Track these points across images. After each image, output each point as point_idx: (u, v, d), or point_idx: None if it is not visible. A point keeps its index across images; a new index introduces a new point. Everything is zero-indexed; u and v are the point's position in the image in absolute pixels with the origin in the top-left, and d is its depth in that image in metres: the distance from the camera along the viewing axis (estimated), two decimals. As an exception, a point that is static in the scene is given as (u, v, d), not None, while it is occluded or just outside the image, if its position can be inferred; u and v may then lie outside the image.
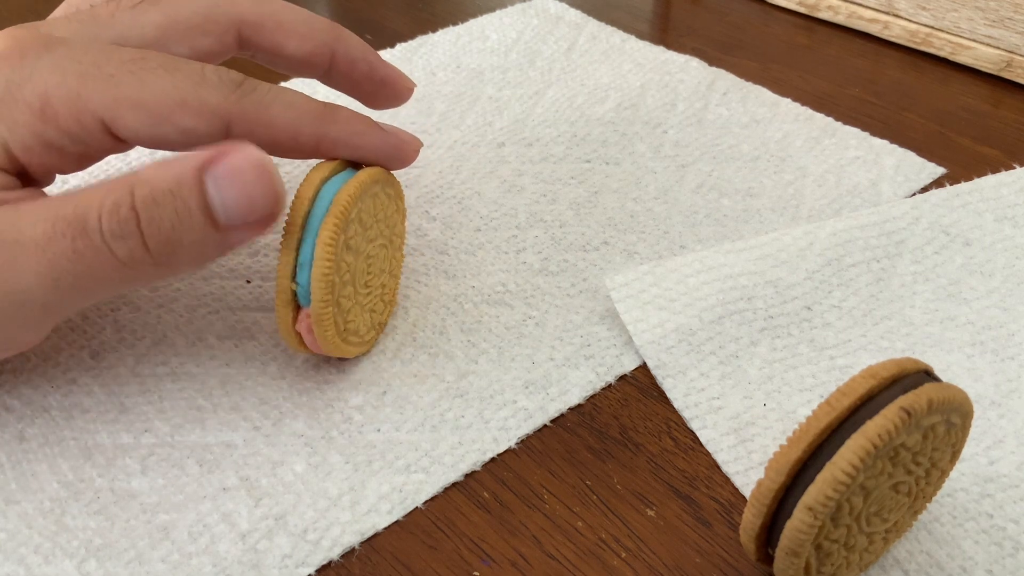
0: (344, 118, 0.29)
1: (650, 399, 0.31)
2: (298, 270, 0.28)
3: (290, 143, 0.29)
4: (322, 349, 0.29)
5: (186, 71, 0.27)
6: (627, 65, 0.48)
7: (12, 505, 0.27)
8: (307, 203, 0.28)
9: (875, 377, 0.23)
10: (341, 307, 0.29)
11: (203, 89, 0.27)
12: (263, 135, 0.28)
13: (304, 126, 0.28)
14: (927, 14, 0.50)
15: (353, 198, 0.28)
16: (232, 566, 0.26)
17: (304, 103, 0.29)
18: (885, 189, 0.40)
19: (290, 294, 0.28)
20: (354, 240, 0.29)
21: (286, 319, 0.29)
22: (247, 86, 0.28)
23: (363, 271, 0.30)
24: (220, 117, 0.27)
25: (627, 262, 0.36)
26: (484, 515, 0.28)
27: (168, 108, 0.27)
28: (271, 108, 0.28)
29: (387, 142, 0.30)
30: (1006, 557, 0.26)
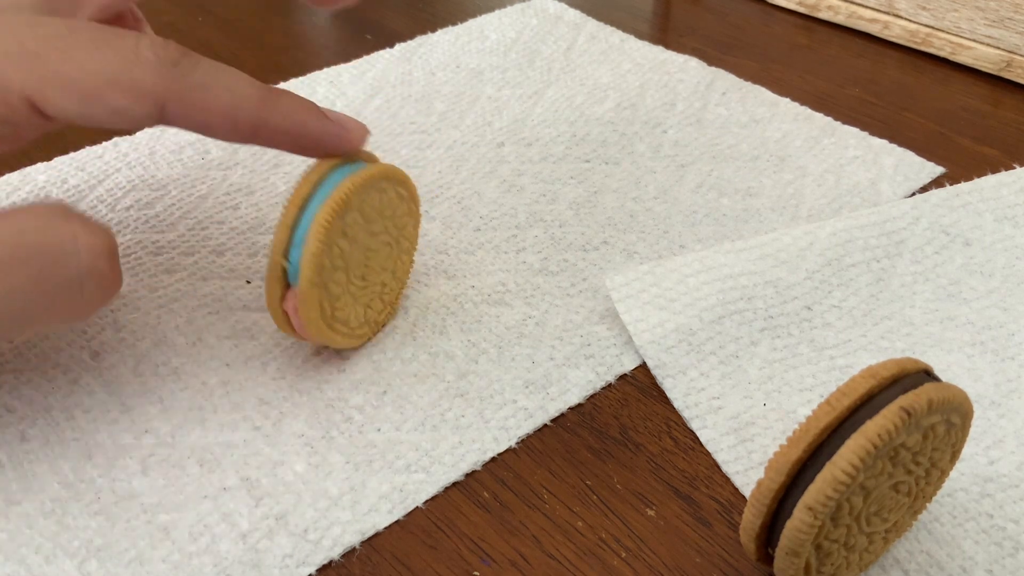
0: (285, 106, 0.28)
1: (650, 399, 0.31)
2: (291, 248, 0.28)
3: (227, 128, 0.27)
4: (307, 331, 0.29)
5: (118, 47, 0.26)
6: (626, 65, 0.48)
7: (13, 505, 0.27)
8: (311, 186, 0.28)
9: (875, 377, 0.23)
10: (330, 291, 0.29)
11: (136, 68, 0.26)
12: (198, 118, 0.27)
13: (242, 112, 0.27)
14: (927, 14, 0.50)
15: (355, 187, 0.28)
16: (233, 566, 0.26)
17: (244, 87, 0.27)
18: (884, 189, 0.40)
19: (280, 271, 0.28)
20: (352, 229, 0.29)
21: (274, 296, 0.29)
22: (184, 65, 0.26)
23: (360, 262, 0.30)
24: (154, 98, 0.26)
25: (627, 262, 0.36)
26: (484, 515, 0.28)
27: (98, 87, 0.25)
28: (209, 91, 0.27)
29: (328, 131, 0.29)
30: (1006, 557, 0.26)
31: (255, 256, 0.36)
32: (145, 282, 0.34)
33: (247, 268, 0.35)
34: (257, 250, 0.36)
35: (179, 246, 0.36)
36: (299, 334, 0.30)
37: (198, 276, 0.35)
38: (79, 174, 0.40)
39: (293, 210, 0.28)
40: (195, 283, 0.35)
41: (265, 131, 0.28)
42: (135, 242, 0.36)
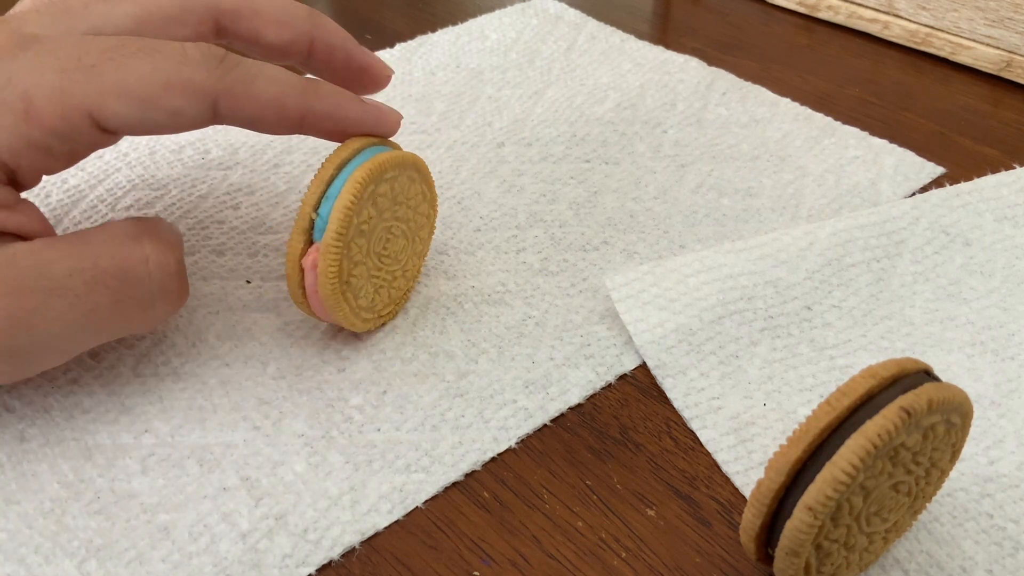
0: (327, 91, 0.29)
1: (650, 399, 0.31)
2: (323, 201, 0.29)
3: (275, 117, 0.28)
4: (320, 290, 0.29)
5: (166, 52, 0.27)
6: (626, 65, 0.48)
7: (12, 505, 0.27)
8: (350, 151, 0.30)
9: (875, 377, 0.23)
10: (350, 254, 0.29)
11: (186, 68, 0.27)
12: (250, 110, 0.28)
13: (289, 99, 0.28)
14: (927, 14, 0.50)
15: (392, 159, 0.30)
16: (233, 566, 0.26)
17: (286, 77, 0.29)
18: (884, 189, 0.40)
19: (308, 222, 0.29)
20: (381, 201, 0.30)
21: (295, 248, 0.29)
22: (229, 61, 0.28)
23: (380, 239, 0.30)
24: (207, 95, 0.27)
25: (627, 262, 0.36)
26: (484, 515, 0.28)
27: (154, 91, 0.26)
28: (256, 83, 0.28)
29: (369, 113, 0.30)
30: (1006, 557, 0.26)
31: (255, 256, 0.36)
32: (145, 282, 0.34)
33: (247, 268, 0.35)
34: (257, 250, 0.36)
35: (179, 246, 0.36)
36: (307, 301, 0.30)
37: (198, 276, 0.35)
38: (79, 174, 0.40)
39: (330, 168, 0.29)
40: (195, 283, 0.35)
41: (312, 117, 0.29)
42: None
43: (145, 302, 0.28)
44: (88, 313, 0.27)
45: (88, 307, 0.26)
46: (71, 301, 0.26)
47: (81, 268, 0.26)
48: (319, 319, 0.31)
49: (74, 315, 0.26)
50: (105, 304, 0.27)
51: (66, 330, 0.27)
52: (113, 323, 0.28)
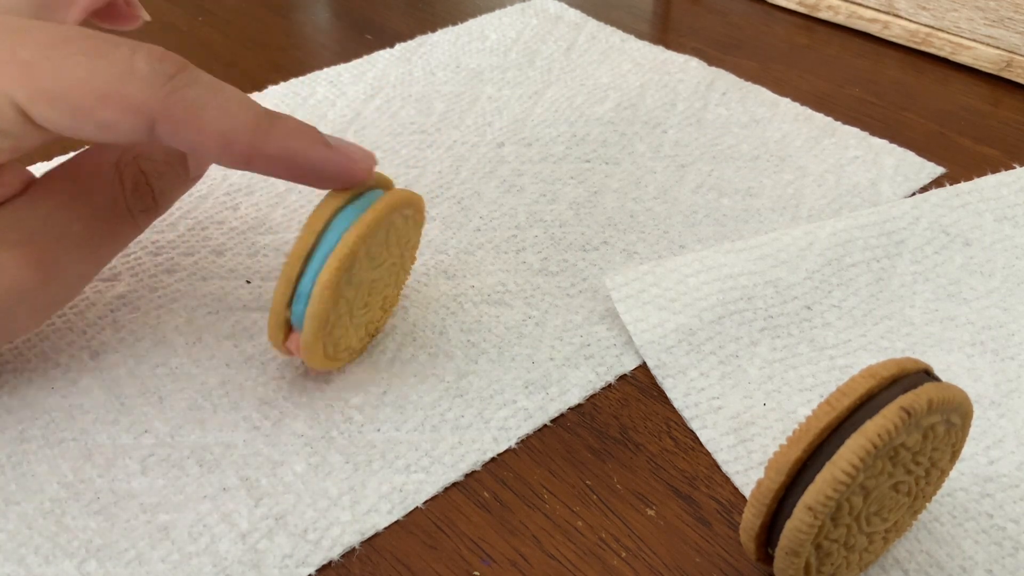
0: (282, 133, 0.26)
1: (650, 399, 0.31)
2: (294, 301, 0.28)
3: (219, 152, 0.26)
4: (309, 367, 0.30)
5: (111, 59, 0.25)
6: (626, 65, 0.48)
7: (12, 506, 0.27)
8: (314, 236, 0.27)
9: (875, 377, 0.23)
10: (333, 335, 0.29)
11: (128, 82, 0.25)
12: (189, 139, 0.26)
13: (238, 136, 0.26)
14: (927, 14, 0.50)
15: (362, 238, 0.27)
16: (232, 566, 0.26)
17: (240, 111, 0.26)
18: (884, 189, 0.40)
19: (283, 319, 0.28)
20: (358, 276, 0.28)
21: (278, 338, 0.29)
22: (180, 80, 0.25)
23: (363, 296, 0.30)
24: (143, 114, 0.25)
25: (627, 262, 0.36)
26: (484, 515, 0.28)
27: (87, 101, 0.25)
28: (203, 112, 0.25)
29: (330, 161, 0.27)
30: (1006, 557, 0.26)
31: (255, 256, 0.36)
32: (145, 282, 0.34)
33: (247, 268, 0.35)
34: (257, 250, 0.36)
35: (179, 246, 0.36)
36: None
37: (198, 276, 0.35)
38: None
39: (296, 264, 0.27)
40: (195, 283, 0.35)
41: (260, 160, 0.26)
42: (134, 242, 0.36)
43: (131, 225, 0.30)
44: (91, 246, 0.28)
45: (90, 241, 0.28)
46: (76, 240, 0.28)
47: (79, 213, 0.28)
48: None
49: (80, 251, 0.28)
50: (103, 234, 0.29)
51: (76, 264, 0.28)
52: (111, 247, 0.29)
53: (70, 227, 0.28)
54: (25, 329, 0.29)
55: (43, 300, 0.28)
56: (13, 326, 0.28)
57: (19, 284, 0.27)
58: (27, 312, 0.28)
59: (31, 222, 0.27)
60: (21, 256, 0.27)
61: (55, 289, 0.28)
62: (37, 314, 0.28)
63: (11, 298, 0.27)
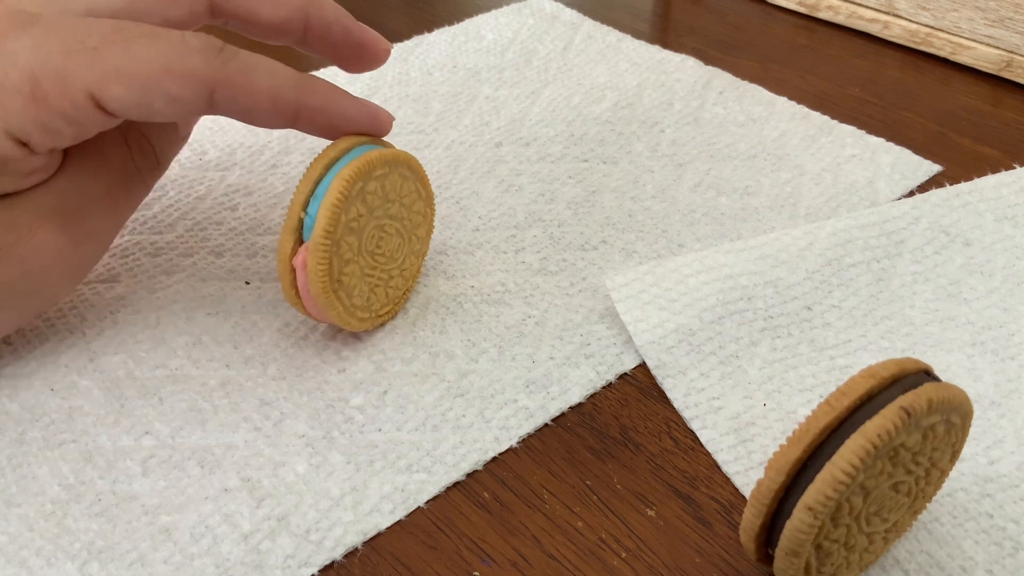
0: (322, 87, 0.30)
1: (650, 399, 0.31)
2: (311, 201, 0.29)
3: (270, 109, 0.29)
4: (311, 289, 0.29)
5: (168, 39, 0.27)
6: (623, 64, 0.48)
7: (13, 508, 0.27)
8: (339, 151, 0.30)
9: (875, 377, 0.23)
10: (340, 252, 0.29)
11: (187, 56, 0.27)
12: (245, 101, 0.28)
13: (284, 92, 0.28)
14: (927, 14, 0.50)
15: (382, 156, 0.30)
16: (235, 567, 0.26)
17: (283, 70, 0.29)
18: (882, 187, 0.40)
19: (296, 222, 0.29)
20: (371, 198, 0.30)
21: (286, 249, 0.29)
22: (228, 51, 0.28)
23: (372, 236, 0.31)
24: (205, 83, 0.27)
25: (626, 261, 0.36)
26: (484, 515, 0.28)
27: (155, 77, 0.27)
28: (253, 74, 0.28)
29: (363, 111, 0.31)
30: (1006, 557, 0.26)
31: (254, 257, 0.36)
32: (144, 283, 0.34)
33: (246, 269, 0.35)
34: (256, 251, 0.36)
35: (178, 247, 0.36)
36: (301, 300, 0.30)
37: (197, 277, 0.35)
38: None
39: (319, 167, 0.29)
40: (194, 284, 0.35)
41: (305, 111, 0.29)
42: (133, 243, 0.36)
43: (142, 184, 0.31)
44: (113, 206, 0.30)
45: (112, 201, 0.30)
46: (101, 201, 0.30)
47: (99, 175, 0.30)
48: (315, 319, 0.31)
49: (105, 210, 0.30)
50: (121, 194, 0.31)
51: (103, 223, 0.30)
52: (127, 206, 0.31)
53: (93, 187, 0.30)
54: (59, 294, 0.30)
55: (75, 261, 0.30)
56: (48, 291, 0.30)
57: (54, 246, 0.29)
58: (62, 274, 0.30)
59: (59, 186, 0.29)
60: (53, 219, 0.29)
61: (85, 249, 0.30)
62: (71, 275, 0.30)
63: (47, 260, 0.29)
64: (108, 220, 0.31)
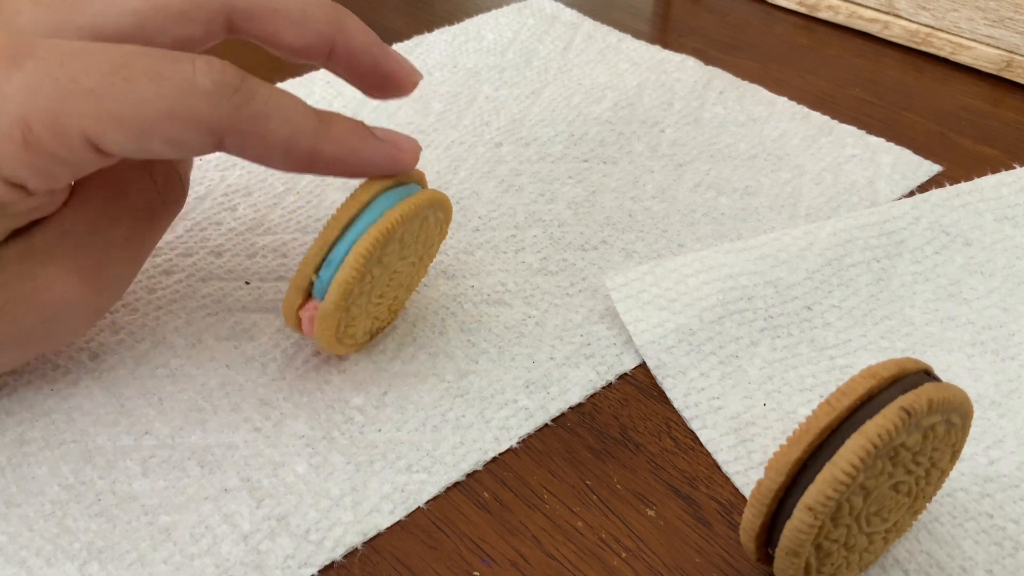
0: (340, 133, 0.28)
1: (650, 399, 0.31)
2: (324, 265, 0.28)
3: (282, 160, 0.27)
4: (316, 341, 0.29)
5: (174, 78, 0.25)
6: (623, 64, 0.48)
7: (13, 508, 0.27)
8: (359, 206, 0.28)
9: (875, 377, 0.23)
10: (349, 313, 0.29)
11: (193, 99, 0.25)
12: (255, 151, 0.27)
13: (300, 142, 0.27)
14: (927, 14, 0.50)
15: (404, 219, 0.28)
16: (235, 567, 0.26)
17: (301, 117, 0.27)
18: (882, 187, 0.40)
19: (307, 282, 0.28)
20: (388, 258, 0.29)
21: (293, 302, 0.29)
22: (244, 93, 0.26)
23: (383, 283, 0.30)
24: (211, 130, 0.25)
25: (626, 261, 0.36)
26: (484, 515, 0.28)
27: (155, 122, 0.25)
28: (268, 122, 0.26)
29: (383, 153, 0.29)
30: (1006, 557, 0.26)
31: (254, 257, 0.36)
32: (143, 283, 0.34)
33: (245, 269, 0.35)
34: (256, 251, 0.36)
35: (177, 247, 0.36)
36: (304, 333, 0.30)
37: (197, 277, 0.35)
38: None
39: (335, 229, 0.28)
40: (194, 284, 0.35)
41: (320, 161, 0.28)
42: (134, 243, 0.36)
43: (164, 221, 0.30)
44: (135, 248, 0.29)
45: (134, 243, 0.29)
46: (121, 245, 0.29)
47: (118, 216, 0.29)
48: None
49: (125, 253, 0.29)
50: (142, 234, 0.29)
51: (123, 267, 0.29)
52: (149, 245, 0.30)
53: (114, 231, 0.28)
54: (77, 335, 0.29)
55: (95, 307, 0.29)
56: (65, 334, 0.29)
57: (70, 296, 0.27)
58: (77, 320, 0.28)
59: (77, 232, 0.28)
60: (73, 269, 0.27)
61: (106, 296, 0.29)
62: (86, 320, 0.29)
63: (65, 309, 0.28)
64: (129, 262, 0.29)
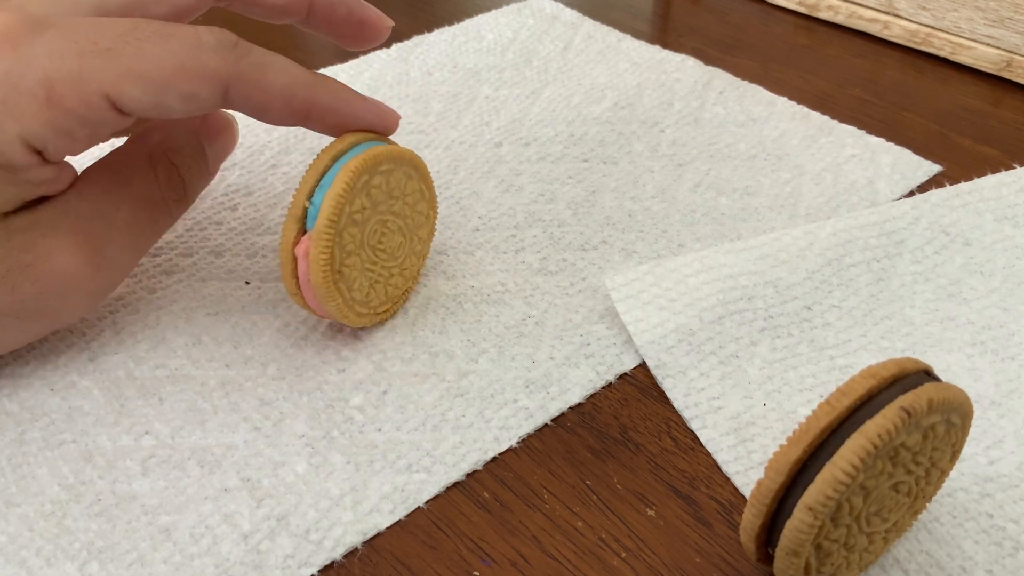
0: (332, 87, 0.30)
1: (650, 399, 0.31)
2: (316, 191, 0.29)
3: (283, 107, 0.29)
4: (313, 279, 0.29)
5: (181, 37, 0.27)
6: (623, 64, 0.48)
7: (13, 508, 0.27)
8: (348, 143, 0.30)
9: (875, 377, 0.23)
10: (343, 243, 0.29)
11: (201, 53, 0.27)
12: (259, 98, 0.28)
13: (297, 90, 0.29)
14: (927, 14, 0.50)
15: (389, 153, 0.30)
16: (235, 567, 0.26)
17: (296, 69, 0.29)
18: (882, 187, 0.40)
19: (301, 210, 0.29)
20: (375, 193, 0.30)
21: (288, 237, 0.29)
22: (242, 48, 0.28)
23: (374, 231, 0.31)
24: (220, 81, 0.27)
25: (626, 261, 0.36)
26: (484, 515, 0.28)
27: (169, 75, 0.27)
28: (267, 71, 0.28)
29: (371, 109, 0.31)
30: (1006, 557, 0.26)
31: (254, 257, 0.36)
32: (143, 283, 0.34)
33: (246, 269, 0.35)
34: (256, 251, 0.36)
35: (177, 247, 0.36)
36: (301, 292, 0.30)
37: (197, 277, 0.35)
38: (78, 175, 0.40)
39: (326, 158, 0.30)
40: (194, 284, 0.35)
41: (317, 110, 0.29)
42: (134, 243, 0.36)
43: (167, 212, 0.32)
44: (136, 233, 0.31)
45: (135, 228, 0.30)
46: (123, 228, 0.30)
47: (121, 200, 0.30)
48: (314, 312, 0.31)
49: (127, 237, 0.30)
50: (144, 221, 0.31)
51: (124, 251, 0.30)
52: (151, 234, 0.31)
53: (116, 214, 0.30)
54: (75, 314, 0.30)
55: (94, 286, 0.30)
56: (64, 312, 0.30)
57: (72, 270, 0.29)
58: (79, 297, 0.30)
59: (80, 210, 0.29)
60: (73, 243, 0.29)
61: (104, 275, 0.30)
62: (88, 299, 0.30)
63: (64, 283, 0.29)
64: (129, 248, 0.31)
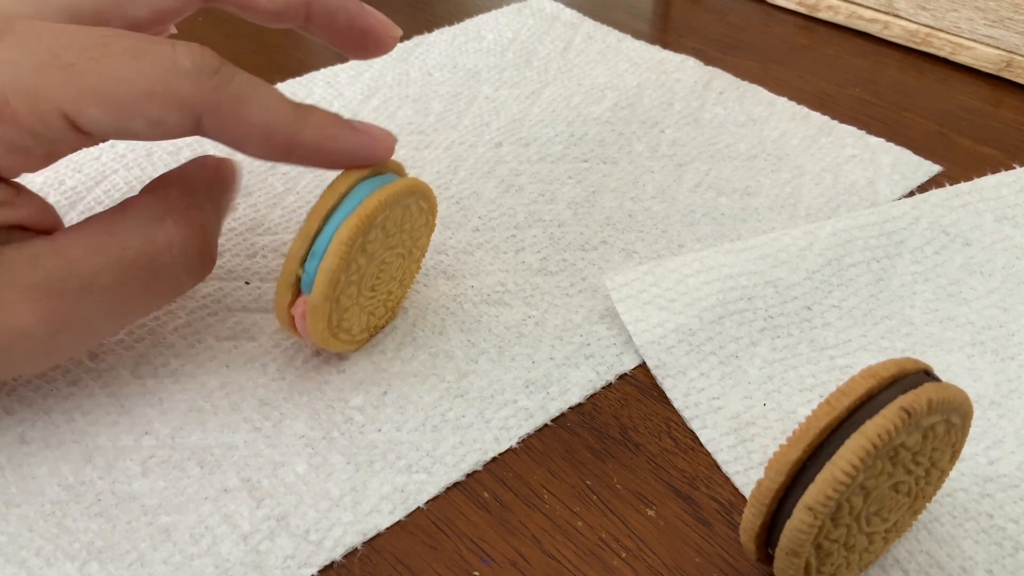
0: (318, 122, 0.28)
1: (650, 399, 0.31)
2: (309, 258, 0.28)
3: (260, 143, 0.27)
4: (310, 338, 0.29)
5: (154, 57, 0.25)
6: (623, 64, 0.48)
7: (13, 508, 0.27)
8: (337, 197, 0.28)
9: (875, 377, 0.23)
10: (339, 304, 0.29)
11: (173, 77, 0.25)
12: (234, 132, 0.26)
13: (278, 128, 0.27)
14: (927, 14, 0.50)
15: (382, 204, 0.28)
16: (234, 567, 0.26)
17: (279, 104, 0.27)
18: (882, 187, 0.40)
19: (294, 277, 0.28)
20: (372, 245, 0.29)
21: (284, 300, 0.29)
22: (223, 75, 0.26)
23: (372, 275, 0.30)
24: (191, 109, 0.25)
25: (626, 261, 0.36)
26: (484, 515, 0.28)
27: (135, 99, 0.25)
28: (246, 105, 0.26)
29: (359, 143, 0.29)
30: (1006, 557, 0.26)
31: (253, 257, 0.36)
32: (144, 283, 0.34)
33: (245, 269, 0.35)
34: (255, 251, 0.36)
35: (178, 247, 0.36)
36: (300, 335, 0.30)
37: (197, 277, 0.35)
38: (76, 175, 0.40)
39: (316, 220, 0.28)
40: (194, 284, 0.35)
41: (299, 149, 0.28)
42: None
43: (173, 283, 0.28)
44: (119, 303, 0.27)
45: (119, 298, 0.27)
46: (101, 296, 0.26)
47: (108, 264, 0.26)
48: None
49: (106, 307, 0.27)
50: (135, 292, 0.27)
51: (99, 319, 0.27)
52: (143, 306, 0.28)
53: (95, 279, 0.26)
54: (24, 370, 0.28)
55: (48, 347, 0.27)
56: (10, 366, 0.27)
57: (23, 326, 0.26)
58: (28, 354, 0.27)
59: (52, 267, 0.26)
60: (33, 300, 0.25)
61: (64, 339, 0.27)
62: (39, 359, 0.27)
63: (12, 337, 0.26)
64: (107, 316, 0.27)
